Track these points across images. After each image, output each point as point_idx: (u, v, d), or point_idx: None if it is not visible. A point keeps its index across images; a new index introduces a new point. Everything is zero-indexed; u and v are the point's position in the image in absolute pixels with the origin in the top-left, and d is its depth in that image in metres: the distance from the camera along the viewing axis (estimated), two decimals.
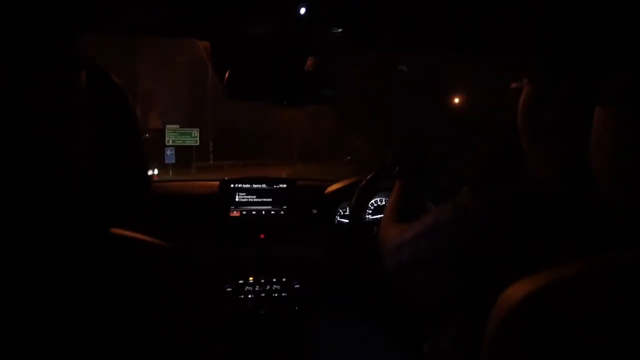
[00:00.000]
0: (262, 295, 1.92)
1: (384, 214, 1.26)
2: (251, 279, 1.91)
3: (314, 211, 2.01)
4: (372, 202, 1.95)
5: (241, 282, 1.90)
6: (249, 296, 1.90)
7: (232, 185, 1.95)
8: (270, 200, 1.97)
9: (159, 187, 2.07)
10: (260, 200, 1.96)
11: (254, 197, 1.96)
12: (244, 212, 1.94)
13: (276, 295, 1.93)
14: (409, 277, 0.96)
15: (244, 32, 1.20)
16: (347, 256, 1.94)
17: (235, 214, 1.93)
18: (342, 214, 2.00)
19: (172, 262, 0.73)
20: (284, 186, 1.99)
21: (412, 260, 0.92)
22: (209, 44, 1.32)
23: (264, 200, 1.97)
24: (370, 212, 1.95)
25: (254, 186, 1.96)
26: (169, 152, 14.06)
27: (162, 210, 1.82)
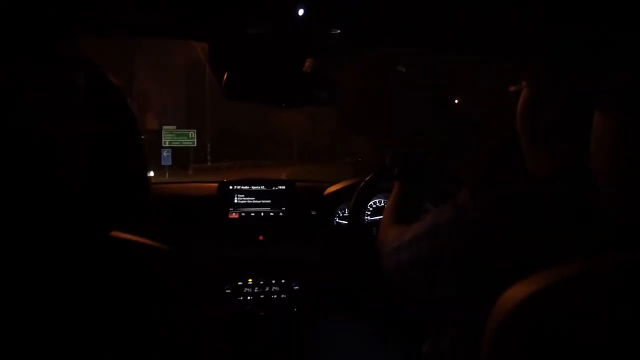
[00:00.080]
0: (261, 296, 1.92)
1: (383, 215, 1.26)
2: (250, 280, 1.91)
3: (313, 212, 2.01)
4: (371, 203, 1.95)
5: (240, 284, 1.90)
6: (248, 297, 1.90)
7: (230, 187, 1.95)
8: (269, 201, 1.97)
9: (158, 189, 2.07)
10: (259, 201, 1.96)
11: (253, 198, 1.96)
12: (242, 214, 1.94)
13: (275, 296, 1.93)
14: (408, 278, 0.96)
15: (242, 33, 1.20)
16: (346, 257, 1.94)
17: (234, 215, 1.93)
18: (341, 215, 2.00)
19: (171, 264, 0.73)
20: (283, 188, 1.99)
21: (411, 261, 0.92)
22: (207, 45, 1.31)
23: (263, 201, 1.97)
24: (369, 213, 1.95)
25: (253, 188, 1.96)
26: (165, 153, 13.93)
27: (161, 212, 1.82)
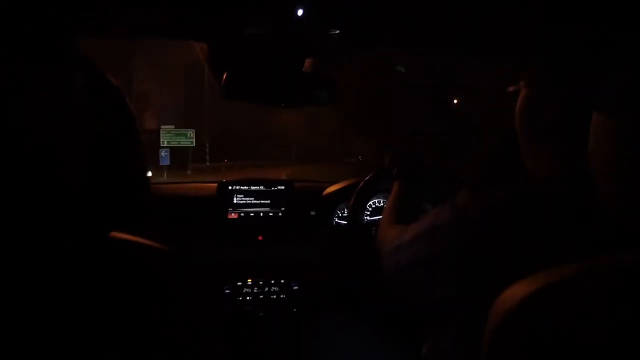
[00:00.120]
0: (261, 297, 1.92)
1: (383, 215, 1.26)
2: (249, 280, 1.91)
3: (312, 213, 2.01)
4: (370, 203, 1.96)
5: (239, 284, 1.90)
6: (248, 298, 1.90)
7: (230, 187, 1.94)
8: (268, 202, 1.97)
9: (157, 189, 2.06)
10: (258, 202, 1.96)
11: (252, 199, 1.96)
12: (242, 214, 1.94)
13: (274, 296, 1.93)
14: (407, 278, 0.96)
15: (241, 34, 1.20)
16: (345, 257, 1.94)
17: (233, 215, 1.93)
18: (340, 215, 2.00)
19: (171, 264, 0.73)
20: (282, 188, 1.99)
21: (410, 261, 0.92)
22: (206, 46, 1.31)
23: (262, 202, 1.97)
24: (368, 213, 1.96)
25: (252, 188, 1.96)
26: (163, 153, 13.77)
27: (160, 212, 1.82)
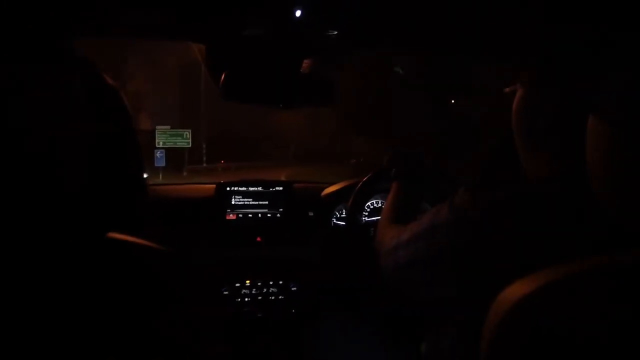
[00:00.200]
0: (259, 298, 1.91)
1: (381, 216, 1.26)
2: (248, 282, 1.91)
3: (310, 214, 2.01)
4: (369, 203, 1.96)
5: (238, 285, 1.90)
6: (246, 299, 1.90)
7: (228, 188, 1.94)
8: (266, 203, 1.97)
9: (155, 190, 2.06)
10: (256, 203, 1.96)
11: (250, 200, 1.96)
12: (240, 215, 1.94)
13: (273, 298, 1.93)
14: (406, 278, 0.96)
15: (240, 35, 1.20)
16: (344, 258, 1.94)
17: (231, 216, 1.93)
18: (338, 216, 2.00)
19: (170, 265, 0.73)
20: (280, 189, 1.99)
21: (409, 261, 0.92)
22: (204, 46, 1.31)
23: (261, 203, 1.97)
24: (366, 214, 1.96)
25: (250, 189, 1.96)
26: (158, 154, 13.53)
27: (158, 213, 1.81)
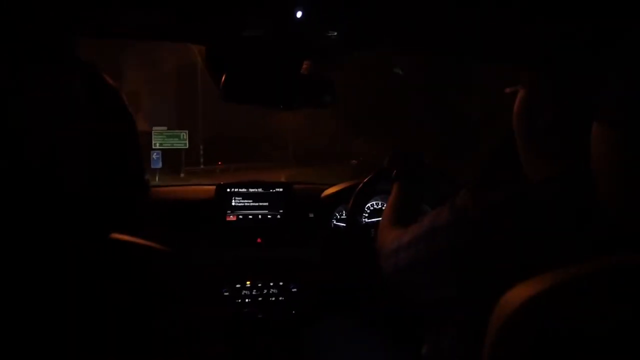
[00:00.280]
0: (259, 299, 1.91)
1: (382, 217, 1.26)
2: (248, 283, 1.91)
3: (311, 215, 2.01)
4: (369, 205, 1.96)
5: (238, 286, 1.90)
6: (246, 300, 1.90)
7: (228, 189, 1.94)
8: (266, 204, 1.97)
9: (156, 192, 2.06)
10: (256, 204, 1.96)
11: (251, 201, 1.96)
12: (240, 217, 1.94)
13: (273, 299, 1.93)
14: (407, 279, 0.96)
15: (240, 36, 1.20)
16: (344, 259, 1.94)
17: (231, 218, 1.93)
18: (338, 217, 2.00)
19: (170, 265, 0.73)
20: (280, 190, 1.99)
21: (410, 263, 0.92)
22: (204, 47, 1.31)
23: (261, 204, 1.97)
24: (366, 215, 1.96)
25: (251, 190, 1.96)
26: (155, 155, 13.37)
27: (159, 214, 1.81)
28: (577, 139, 0.76)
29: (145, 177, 0.73)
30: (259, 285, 1.92)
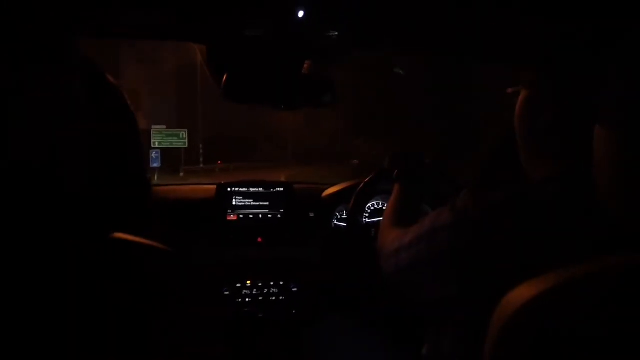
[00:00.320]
0: (260, 298, 1.91)
1: (383, 218, 1.26)
2: (249, 282, 1.91)
3: (311, 215, 2.01)
4: (370, 205, 1.96)
5: (239, 286, 1.90)
6: (247, 300, 1.90)
7: (229, 189, 1.94)
8: (267, 204, 1.97)
9: (156, 191, 2.06)
10: (257, 204, 1.96)
11: (251, 200, 1.96)
12: (241, 216, 1.94)
13: (273, 298, 1.93)
14: (407, 279, 0.96)
15: (241, 35, 1.20)
16: (345, 259, 1.94)
17: (232, 217, 1.93)
18: (339, 217, 2.00)
19: (171, 265, 0.73)
20: (281, 190, 1.99)
21: (410, 263, 0.92)
22: (205, 47, 1.31)
23: (261, 204, 1.97)
24: (367, 215, 1.96)
25: (251, 190, 1.96)
26: (154, 154, 13.20)
27: (159, 213, 1.82)
28: (577, 139, 0.76)
29: (147, 175, 0.73)
30: (260, 284, 1.92)
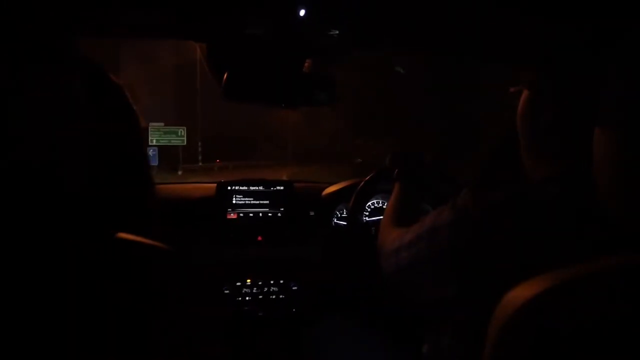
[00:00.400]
0: (260, 297, 1.91)
1: (383, 217, 1.26)
2: (249, 281, 1.91)
3: (312, 213, 2.01)
4: (370, 203, 1.96)
5: (239, 284, 1.90)
6: (247, 298, 1.90)
7: (229, 187, 1.94)
8: (267, 202, 1.97)
9: (156, 189, 2.06)
10: (257, 202, 1.96)
11: (251, 199, 1.96)
12: (241, 215, 1.94)
13: (274, 297, 1.93)
14: (407, 279, 0.96)
15: (242, 34, 1.20)
16: (345, 258, 1.94)
17: (232, 216, 1.93)
18: (339, 215, 2.00)
19: (171, 264, 0.73)
20: (281, 188, 1.99)
21: (411, 262, 0.92)
22: (205, 45, 1.31)
23: (261, 202, 1.96)
24: (367, 213, 1.96)
25: (251, 188, 1.96)
26: (151, 152, 13.10)
27: (159, 212, 1.81)
28: (577, 139, 0.76)
29: (150, 174, 0.73)
30: (260, 283, 1.92)
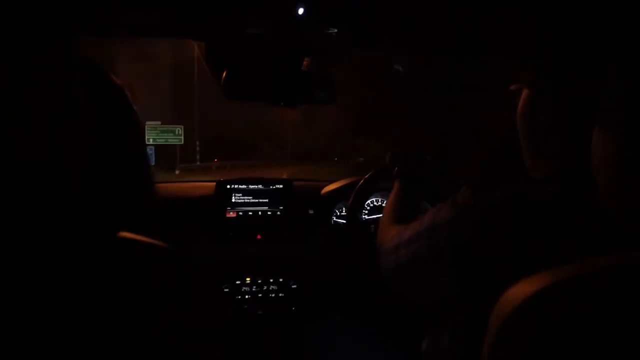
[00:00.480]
0: (259, 295, 1.92)
1: (383, 215, 1.26)
2: (248, 279, 1.91)
3: (311, 211, 2.01)
4: (369, 202, 1.96)
5: (238, 283, 1.90)
6: (246, 297, 1.90)
7: (228, 186, 1.94)
8: (266, 200, 1.97)
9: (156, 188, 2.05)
10: (256, 200, 1.96)
11: (251, 197, 1.96)
12: (240, 213, 1.94)
13: (273, 295, 1.93)
14: (407, 277, 0.96)
15: (241, 33, 1.20)
16: (344, 256, 1.94)
17: (231, 214, 1.93)
18: (338, 214, 2.00)
19: (171, 263, 0.73)
20: (281, 187, 1.99)
21: (410, 259, 0.92)
22: (204, 43, 1.31)
23: (261, 200, 1.97)
24: (366, 212, 1.96)
25: (251, 187, 1.96)
26: (147, 151, 13.02)
27: (158, 211, 1.81)
28: (577, 139, 0.76)
29: (150, 173, 0.73)
30: (259, 281, 1.92)
